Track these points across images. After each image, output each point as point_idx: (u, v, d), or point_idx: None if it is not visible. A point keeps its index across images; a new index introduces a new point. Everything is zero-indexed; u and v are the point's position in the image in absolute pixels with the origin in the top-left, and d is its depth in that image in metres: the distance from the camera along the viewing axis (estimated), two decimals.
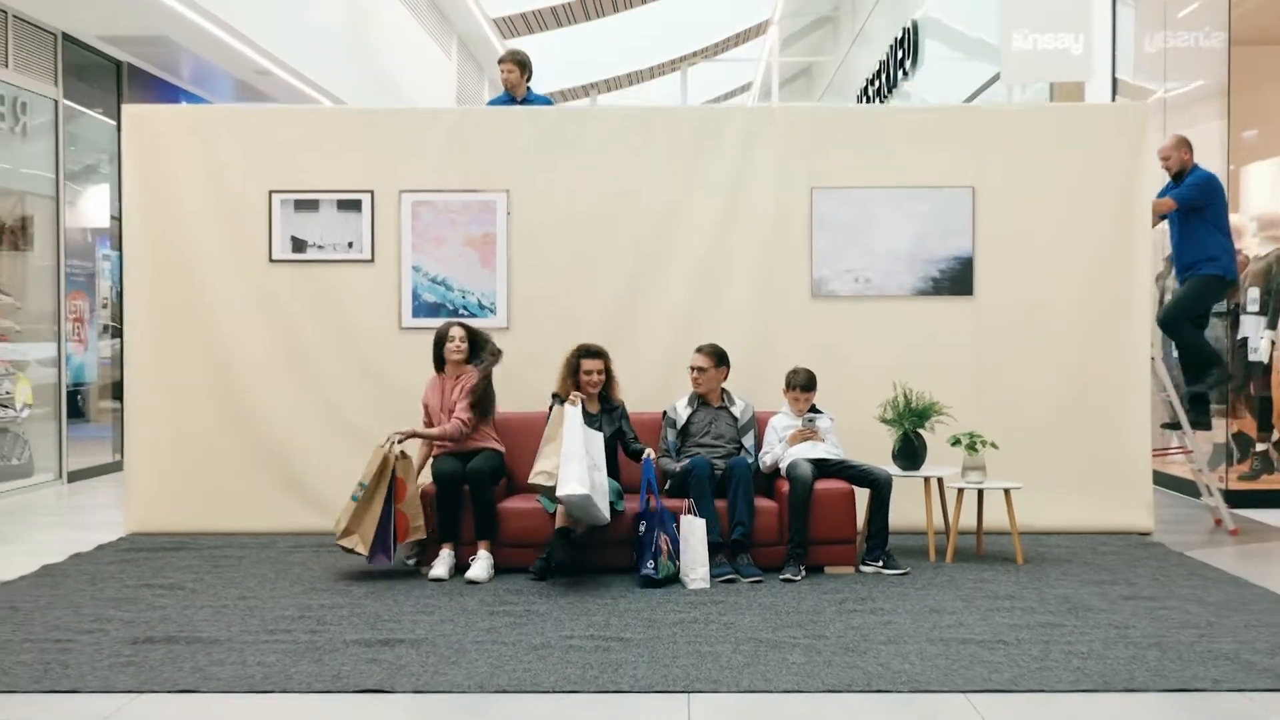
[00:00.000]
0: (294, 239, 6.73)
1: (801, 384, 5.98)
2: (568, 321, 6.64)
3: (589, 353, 5.93)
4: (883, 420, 6.07)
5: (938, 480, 6.10)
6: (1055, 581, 5.40)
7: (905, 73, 14.06)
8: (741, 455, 5.88)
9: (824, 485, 5.64)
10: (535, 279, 6.77)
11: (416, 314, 6.73)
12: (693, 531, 5.37)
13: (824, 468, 5.74)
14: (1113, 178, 6.69)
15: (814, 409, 6.02)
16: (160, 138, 6.75)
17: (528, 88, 7.64)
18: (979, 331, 6.71)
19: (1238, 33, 8.04)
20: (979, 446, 5.89)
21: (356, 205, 6.74)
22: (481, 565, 5.51)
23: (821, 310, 6.74)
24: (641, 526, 5.44)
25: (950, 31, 12.94)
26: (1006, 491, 5.87)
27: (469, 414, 5.82)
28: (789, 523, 5.57)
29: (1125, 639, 4.40)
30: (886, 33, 15.22)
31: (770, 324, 6.73)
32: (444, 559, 5.57)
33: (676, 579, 5.38)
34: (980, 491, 6.02)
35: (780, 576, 5.45)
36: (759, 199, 6.77)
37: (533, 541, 5.58)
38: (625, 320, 6.73)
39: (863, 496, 5.77)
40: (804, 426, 5.92)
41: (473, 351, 6.01)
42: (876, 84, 15.59)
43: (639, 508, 5.52)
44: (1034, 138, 6.75)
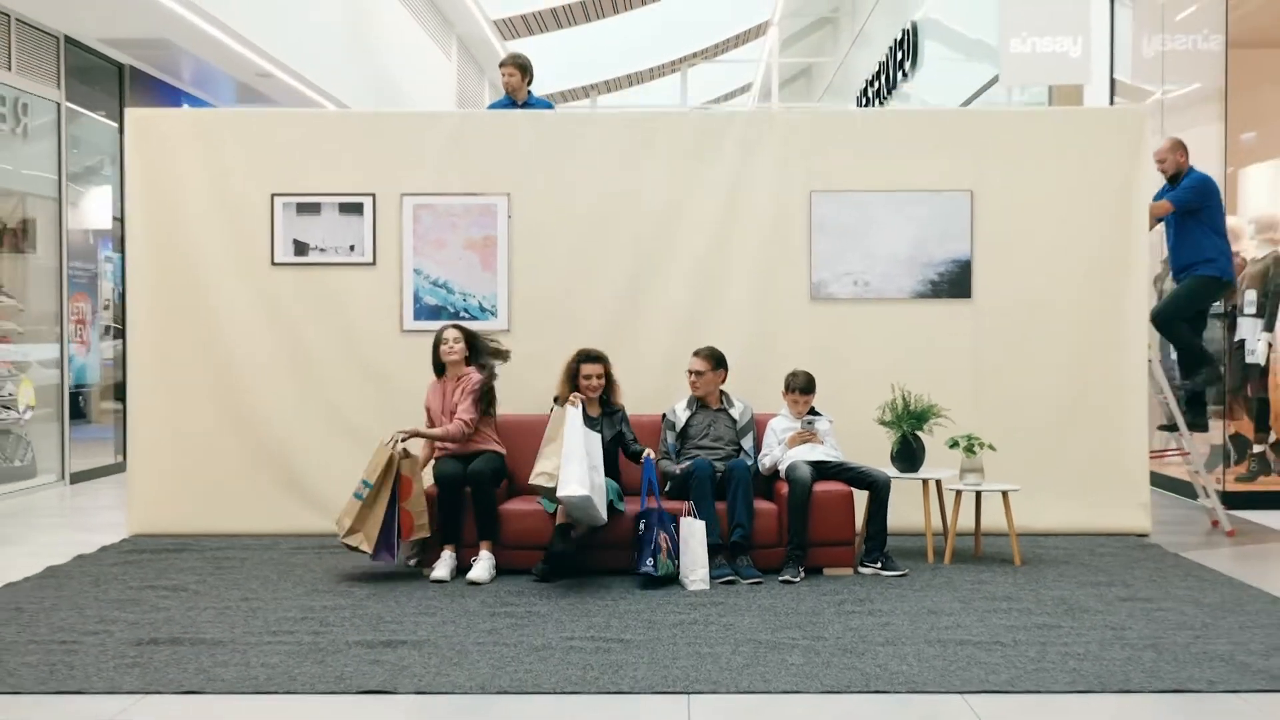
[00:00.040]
0: (296, 242, 6.77)
1: (800, 386, 6.02)
2: (568, 324, 6.68)
3: (588, 357, 5.97)
4: (881, 422, 6.10)
5: (936, 482, 6.13)
6: (1052, 583, 5.43)
7: (905, 74, 14.08)
8: (741, 457, 5.92)
9: (823, 487, 5.67)
10: (536, 282, 6.80)
11: (418, 316, 6.76)
12: (692, 533, 5.40)
13: (823, 470, 5.77)
14: (1110, 181, 6.72)
15: (813, 411, 6.06)
16: (163, 141, 6.79)
17: (528, 91, 7.67)
18: (977, 334, 6.75)
19: (1235, 35, 8.07)
20: (977, 449, 5.92)
21: (358, 208, 6.78)
22: (483, 566, 5.54)
23: (820, 313, 6.78)
24: (641, 525, 5.48)
25: (950, 33, 12.95)
26: (1004, 493, 5.90)
27: (471, 414, 5.86)
28: (788, 524, 5.61)
29: (1121, 640, 4.43)
30: (886, 34, 15.24)
31: (769, 326, 6.76)
32: (445, 560, 5.60)
33: (675, 577, 5.42)
34: (978, 493, 6.05)
35: (779, 578, 5.49)
36: (758, 202, 6.80)
37: (533, 543, 5.61)
38: (625, 323, 6.77)
39: (861, 498, 5.80)
40: (803, 429, 5.96)
41: (472, 354, 6.05)
42: (876, 85, 15.60)
43: (639, 508, 5.55)
44: (1032, 141, 6.78)
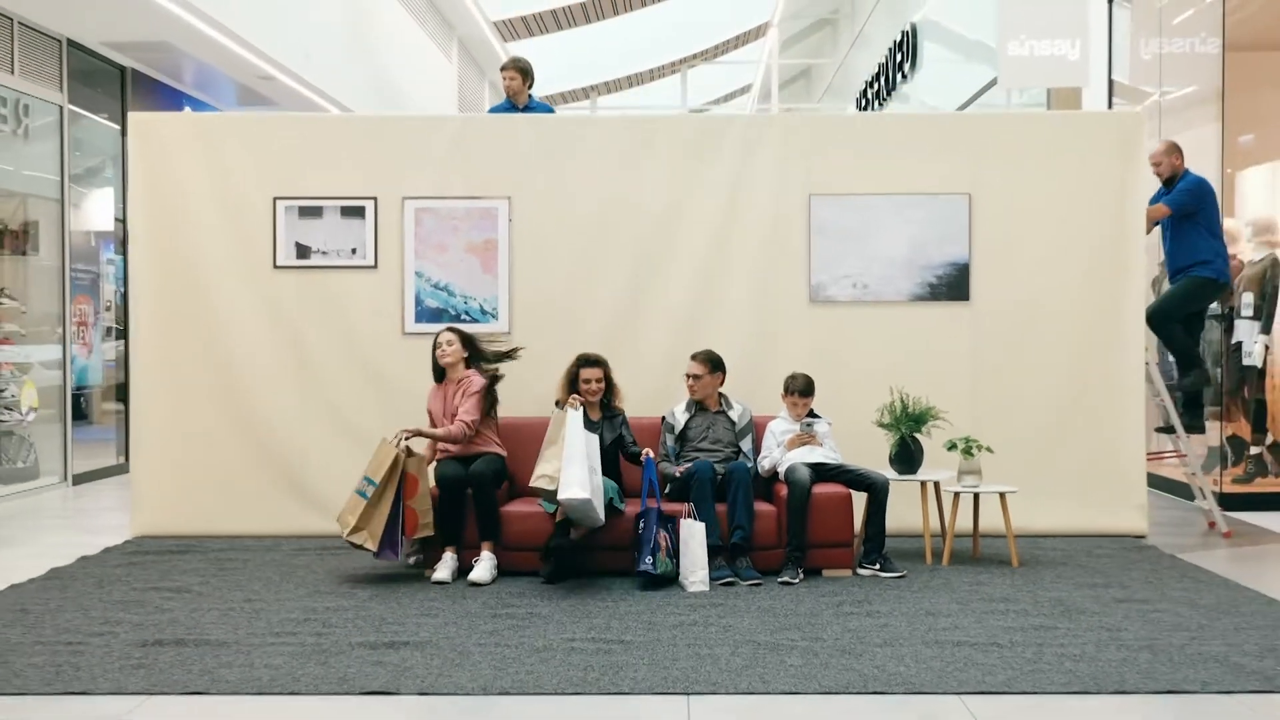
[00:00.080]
0: (298, 245, 6.81)
1: (800, 389, 6.05)
2: (569, 326, 6.71)
3: (588, 362, 6.01)
4: (880, 425, 6.13)
5: (934, 484, 6.16)
6: (1049, 584, 5.47)
7: (904, 75, 14.11)
8: (740, 459, 5.95)
9: (822, 489, 5.70)
10: (536, 284, 6.84)
11: (419, 319, 6.80)
12: (692, 535, 5.43)
13: (822, 472, 5.80)
14: (1107, 184, 6.76)
15: (812, 414, 6.10)
16: (166, 145, 6.82)
17: (529, 95, 7.71)
18: (975, 337, 6.78)
19: (1232, 38, 8.10)
20: (975, 451, 5.96)
21: (360, 212, 6.82)
22: (484, 567, 5.58)
23: (819, 315, 6.82)
24: (640, 524, 5.51)
25: (949, 34, 12.99)
26: (1002, 495, 5.94)
27: (473, 416, 5.89)
28: (787, 526, 5.64)
29: (1117, 641, 4.47)
30: (886, 35, 15.28)
31: (769, 329, 6.80)
32: (447, 562, 5.64)
33: (674, 577, 5.45)
34: (976, 495, 6.09)
35: (779, 579, 5.52)
36: (758, 205, 6.84)
37: (534, 545, 5.64)
38: (626, 325, 6.80)
39: (860, 500, 5.84)
40: (802, 431, 5.99)
41: (471, 356, 6.09)
42: (876, 86, 15.64)
43: (639, 509, 5.58)
44: (1029, 145, 6.82)
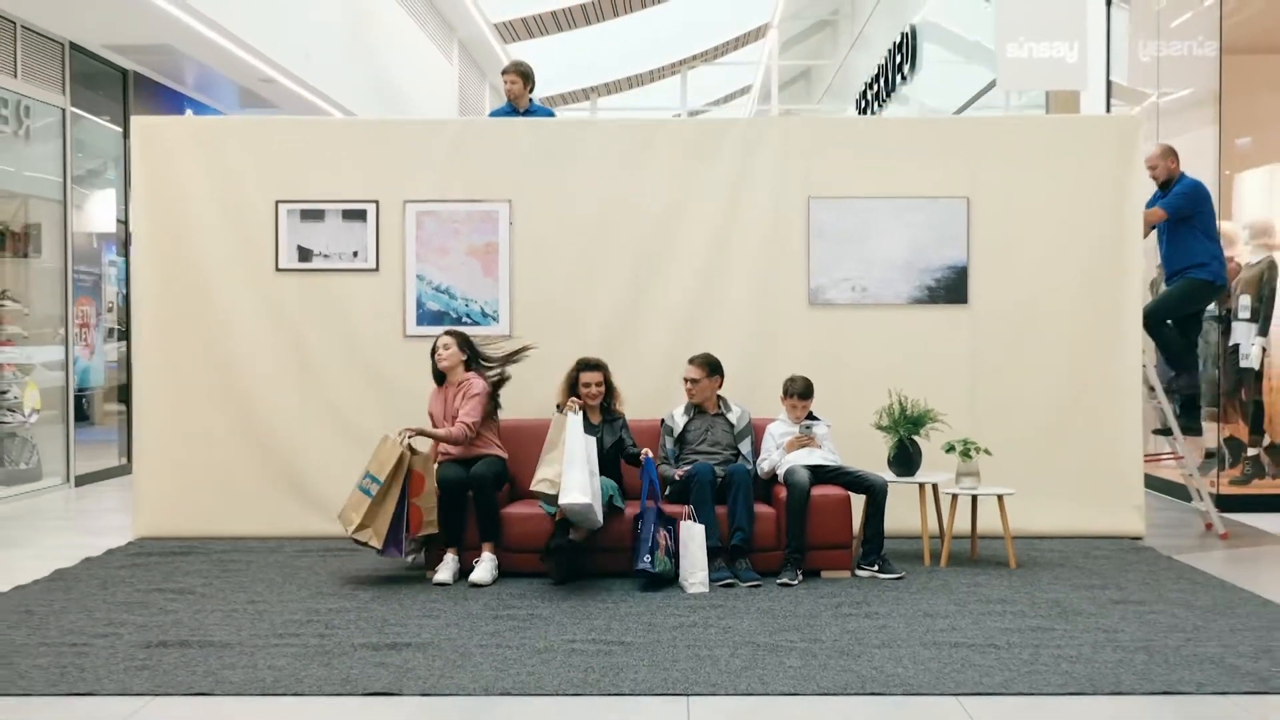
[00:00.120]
0: (300, 248, 6.84)
1: (799, 392, 6.09)
2: (569, 329, 6.75)
3: (588, 366, 6.05)
4: (878, 427, 6.17)
5: (932, 486, 6.19)
6: (1047, 586, 5.50)
7: (904, 77, 14.14)
8: (740, 462, 5.99)
9: (821, 491, 5.74)
10: (537, 287, 6.87)
11: (420, 322, 6.84)
12: (692, 537, 5.47)
13: (821, 474, 5.83)
14: (1105, 187, 6.80)
15: (811, 416, 6.13)
16: (168, 149, 6.86)
17: (530, 99, 7.75)
18: (973, 339, 6.82)
19: (1230, 41, 8.14)
20: (972, 453, 6.00)
21: (361, 215, 6.85)
22: (485, 568, 5.62)
23: (819, 318, 6.85)
24: (639, 524, 5.54)
25: (949, 36, 13.02)
26: (999, 497, 5.98)
27: (474, 418, 5.93)
28: (786, 528, 5.68)
29: (1113, 643, 4.51)
30: (885, 37, 15.31)
31: (768, 331, 6.84)
32: (448, 563, 5.68)
33: (672, 576, 5.48)
34: (974, 497, 6.12)
35: (778, 581, 5.55)
36: (757, 208, 6.87)
37: (535, 546, 5.67)
38: (626, 328, 6.84)
39: (859, 502, 5.87)
40: (801, 434, 6.02)
41: (471, 359, 6.12)
42: (875, 87, 15.67)
43: (639, 509, 5.61)
44: (1027, 148, 6.86)
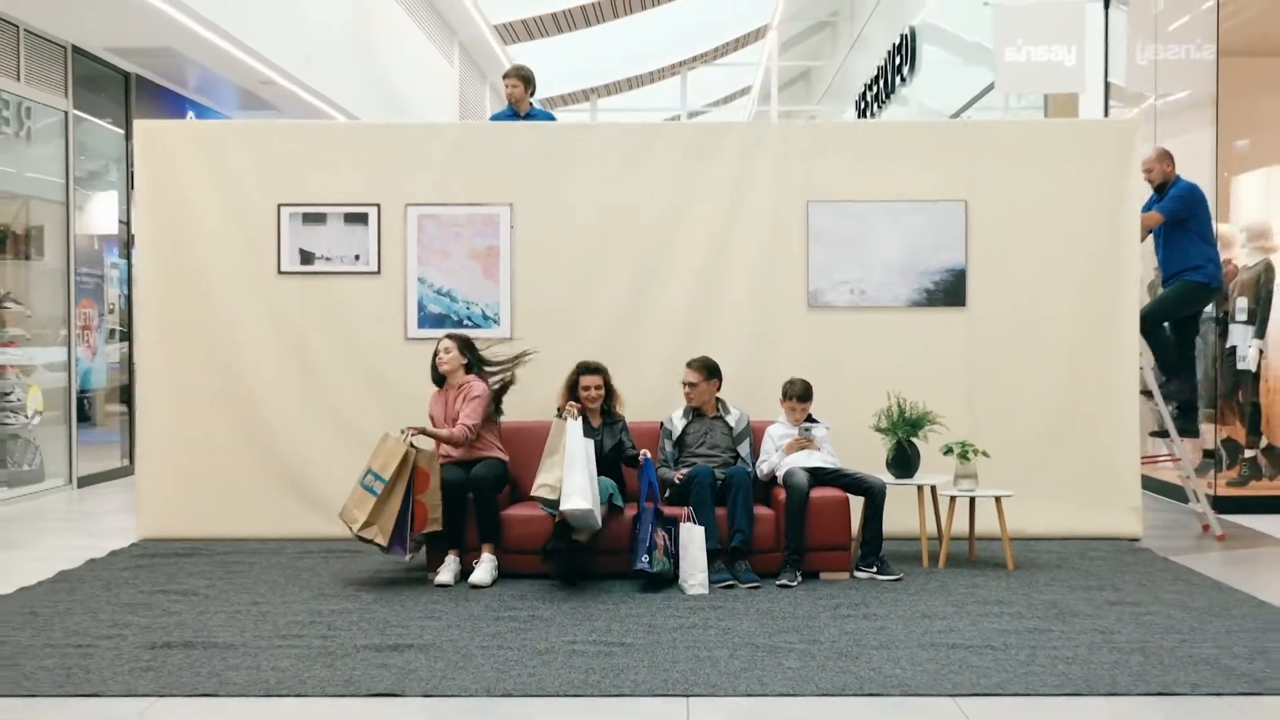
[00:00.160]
0: (302, 251, 6.88)
1: (798, 394, 6.12)
2: (569, 331, 6.79)
3: (587, 369, 6.08)
4: (877, 429, 6.20)
5: (931, 488, 6.22)
6: (1044, 587, 5.54)
7: (903, 78, 14.18)
8: (739, 464, 6.02)
9: (820, 493, 5.77)
10: (537, 290, 6.91)
11: (422, 325, 6.87)
12: (692, 539, 5.50)
13: (820, 476, 5.86)
14: (1103, 191, 6.83)
15: (810, 418, 6.17)
16: (171, 152, 6.89)
17: (530, 103, 7.78)
18: (972, 342, 6.85)
19: (1227, 44, 8.17)
20: (971, 455, 6.03)
21: (363, 218, 6.89)
22: (485, 569, 5.65)
23: (818, 321, 6.89)
24: (636, 524, 5.58)
25: (948, 37, 13.05)
26: (997, 499, 6.02)
27: (474, 420, 5.96)
28: (785, 530, 5.71)
29: (1109, 644, 4.54)
30: (885, 39, 15.34)
31: (768, 334, 6.87)
32: (449, 565, 5.71)
33: (671, 576, 5.52)
34: (972, 499, 6.16)
35: (777, 582, 5.59)
36: (756, 211, 6.91)
37: (535, 548, 5.69)
38: (626, 330, 6.88)
39: (857, 504, 5.91)
40: (800, 436, 6.06)
41: (472, 363, 6.16)
42: (875, 89, 15.71)
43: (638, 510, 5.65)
44: (1025, 152, 6.89)
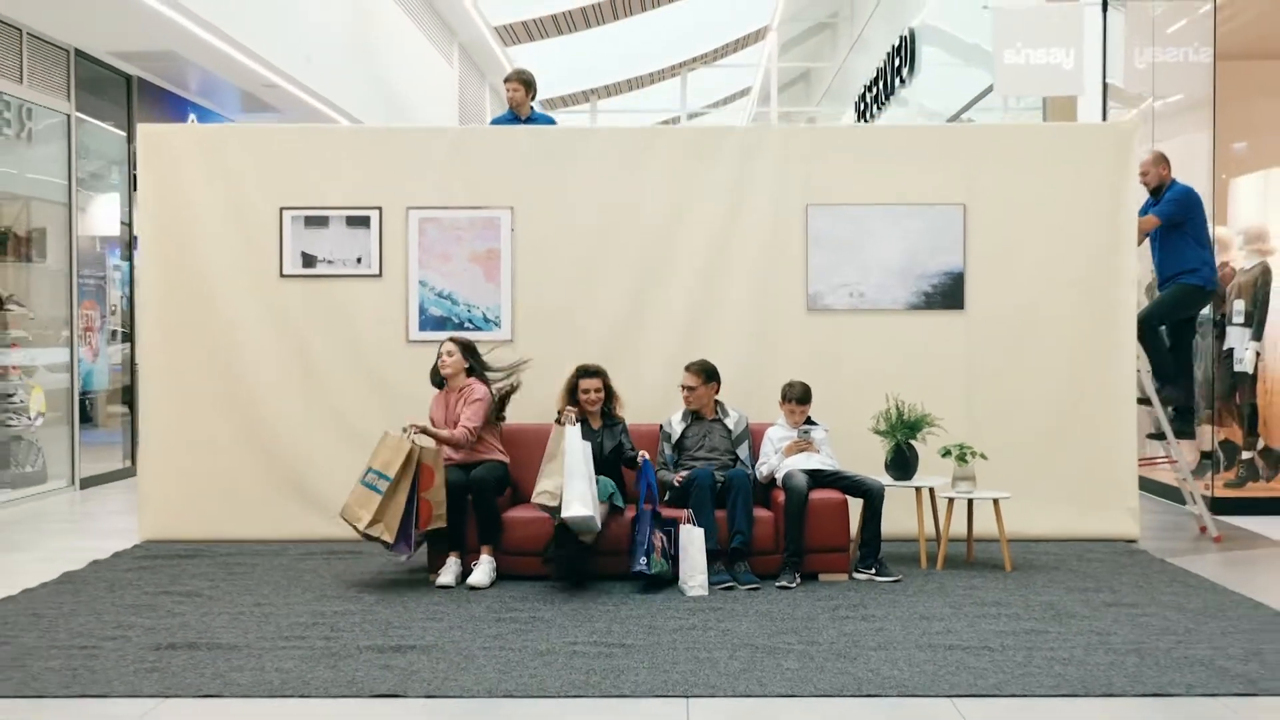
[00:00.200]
0: (304, 254, 6.92)
1: (797, 397, 6.15)
2: (570, 334, 6.83)
3: (586, 373, 6.12)
4: (876, 432, 6.24)
5: (929, 490, 6.26)
6: (1041, 588, 5.57)
7: (903, 80, 14.22)
8: (739, 467, 6.05)
9: (819, 495, 5.81)
10: (538, 293, 6.95)
11: (423, 327, 6.91)
12: (691, 540, 5.54)
13: (819, 478, 5.90)
14: (1101, 194, 6.87)
15: (809, 421, 6.20)
16: (174, 156, 6.93)
17: (531, 107, 7.82)
18: (970, 345, 6.89)
19: (1224, 48, 8.21)
20: (968, 458, 6.07)
21: (365, 221, 6.93)
22: (483, 570, 5.69)
23: (817, 323, 6.92)
24: (634, 526, 5.62)
25: (948, 39, 13.08)
26: (995, 501, 6.05)
27: (475, 422, 5.99)
28: (785, 532, 5.75)
29: (1106, 645, 4.58)
30: (884, 40, 15.38)
31: (767, 337, 6.91)
32: (451, 567, 5.75)
33: (668, 577, 5.55)
34: (970, 501, 6.19)
35: (776, 584, 5.63)
36: (756, 215, 6.94)
37: (536, 550, 5.72)
38: (626, 333, 6.91)
39: (856, 506, 5.95)
40: (799, 438, 6.10)
41: (473, 366, 6.20)
42: (875, 90, 15.75)
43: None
44: (1023, 155, 6.93)
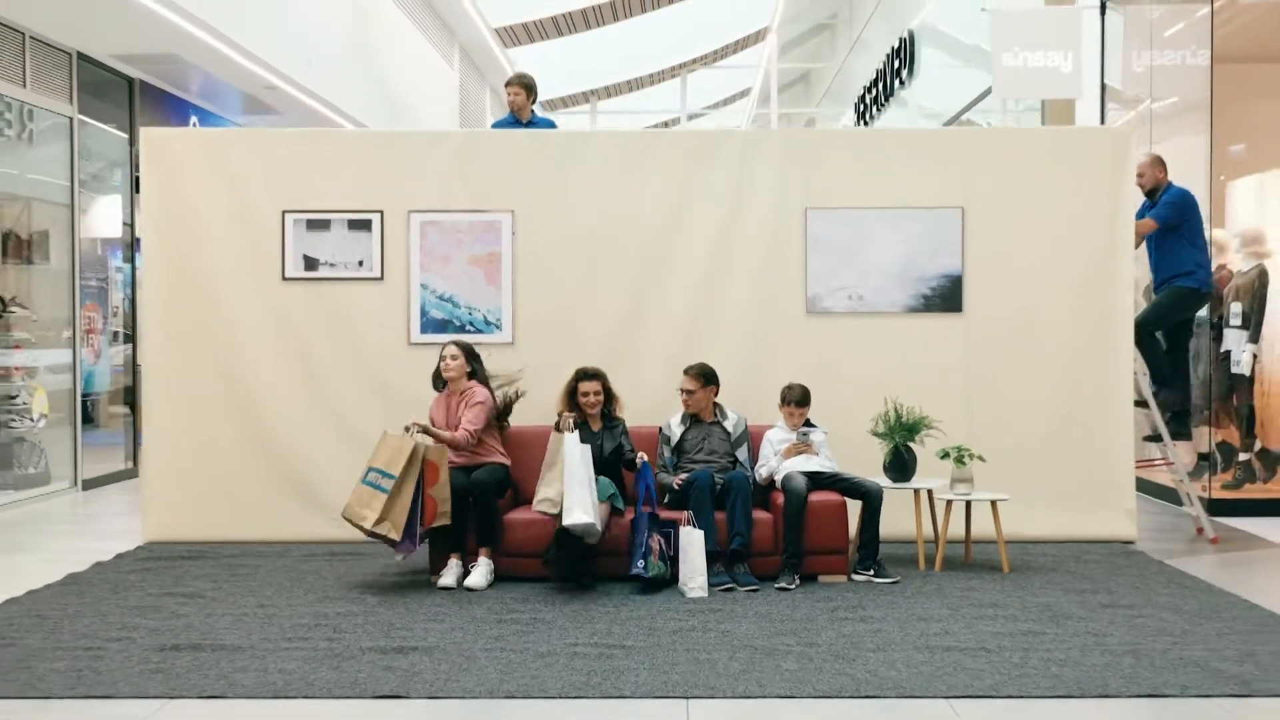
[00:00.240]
0: (306, 258, 6.95)
1: (796, 399, 6.18)
2: (571, 337, 6.86)
3: (585, 376, 6.15)
4: (874, 434, 6.27)
5: (927, 492, 6.30)
6: (1038, 590, 5.61)
7: (902, 81, 14.25)
8: (738, 469, 6.09)
9: (818, 497, 5.85)
10: (539, 296, 6.98)
11: (424, 330, 6.95)
12: (691, 542, 5.57)
13: (818, 480, 5.93)
14: (1099, 198, 6.90)
15: (808, 423, 6.23)
16: (177, 160, 6.96)
17: (532, 111, 7.86)
18: (968, 347, 6.93)
19: (1221, 51, 8.25)
20: (966, 459, 6.11)
21: (366, 225, 6.97)
22: (480, 572, 5.72)
23: (816, 326, 6.96)
24: (632, 529, 5.65)
25: (947, 40, 13.12)
26: (993, 502, 6.09)
27: (475, 425, 6.03)
28: (784, 533, 5.78)
29: (1102, 646, 4.61)
30: (884, 41, 15.41)
31: (767, 340, 6.94)
32: (452, 568, 5.78)
33: (666, 579, 5.59)
34: (968, 503, 6.22)
35: (775, 585, 5.66)
36: (755, 218, 6.98)
37: (537, 552, 5.75)
38: (627, 335, 6.94)
39: (855, 508, 5.98)
40: (798, 440, 6.13)
41: (475, 370, 6.23)
42: (874, 91, 15.78)
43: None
44: (1021, 159, 6.96)
